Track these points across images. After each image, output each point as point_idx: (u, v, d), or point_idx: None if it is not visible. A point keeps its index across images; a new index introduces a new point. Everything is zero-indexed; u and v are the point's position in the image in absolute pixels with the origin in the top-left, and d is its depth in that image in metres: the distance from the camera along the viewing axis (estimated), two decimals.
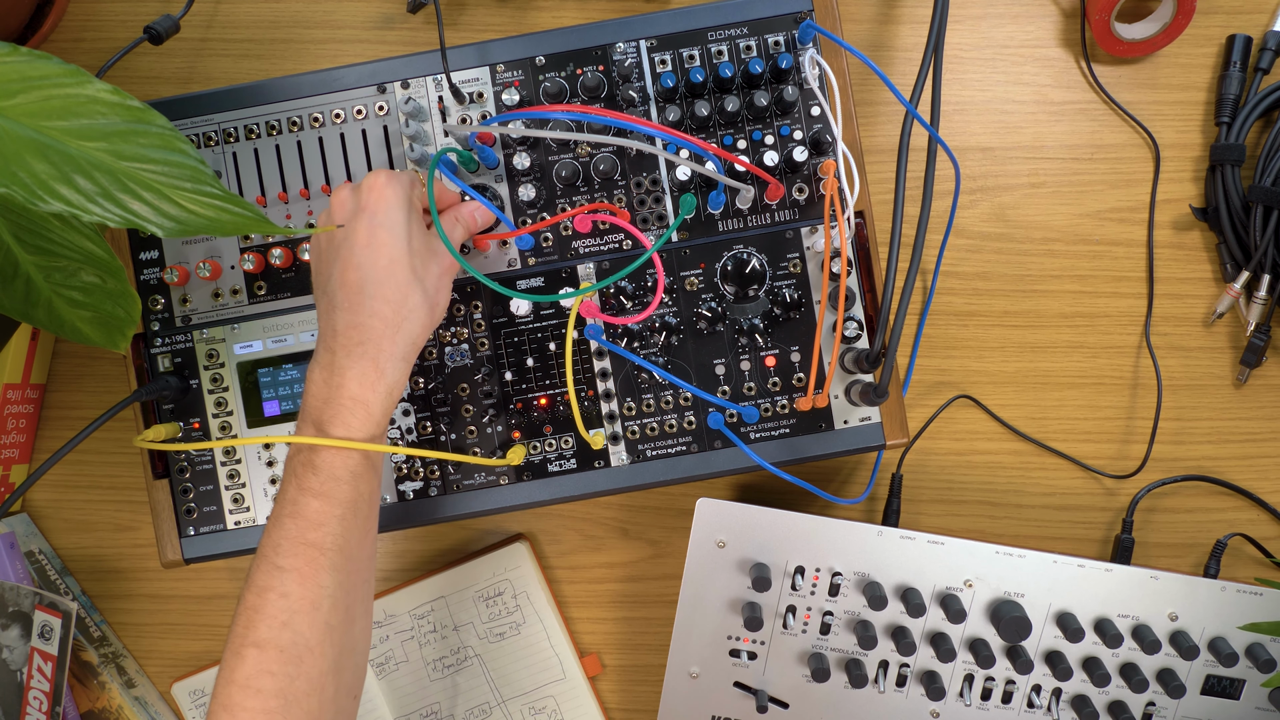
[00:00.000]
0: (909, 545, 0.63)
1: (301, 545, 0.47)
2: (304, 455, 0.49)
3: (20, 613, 0.64)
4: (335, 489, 0.48)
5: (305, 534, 0.47)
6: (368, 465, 0.50)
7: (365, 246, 0.50)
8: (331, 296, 0.51)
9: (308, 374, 0.51)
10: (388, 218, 0.50)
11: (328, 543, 0.48)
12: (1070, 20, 0.71)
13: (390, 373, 0.50)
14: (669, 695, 0.65)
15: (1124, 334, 0.71)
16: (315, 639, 0.46)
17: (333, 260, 0.52)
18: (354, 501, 0.49)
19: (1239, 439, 0.71)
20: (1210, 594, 0.63)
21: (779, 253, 0.61)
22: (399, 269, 0.50)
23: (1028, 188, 0.71)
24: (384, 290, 0.50)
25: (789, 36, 0.61)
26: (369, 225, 0.50)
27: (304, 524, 0.48)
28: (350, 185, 0.53)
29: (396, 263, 0.50)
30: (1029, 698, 0.64)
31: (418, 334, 0.52)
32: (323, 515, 0.48)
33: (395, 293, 0.50)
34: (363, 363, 0.49)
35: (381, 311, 0.50)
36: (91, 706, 0.70)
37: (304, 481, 0.48)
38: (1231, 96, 0.69)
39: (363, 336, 0.49)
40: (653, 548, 0.72)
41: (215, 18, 0.71)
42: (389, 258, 0.50)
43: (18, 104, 0.45)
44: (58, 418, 0.71)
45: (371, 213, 0.51)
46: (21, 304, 0.55)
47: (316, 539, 0.47)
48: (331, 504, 0.48)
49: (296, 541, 0.47)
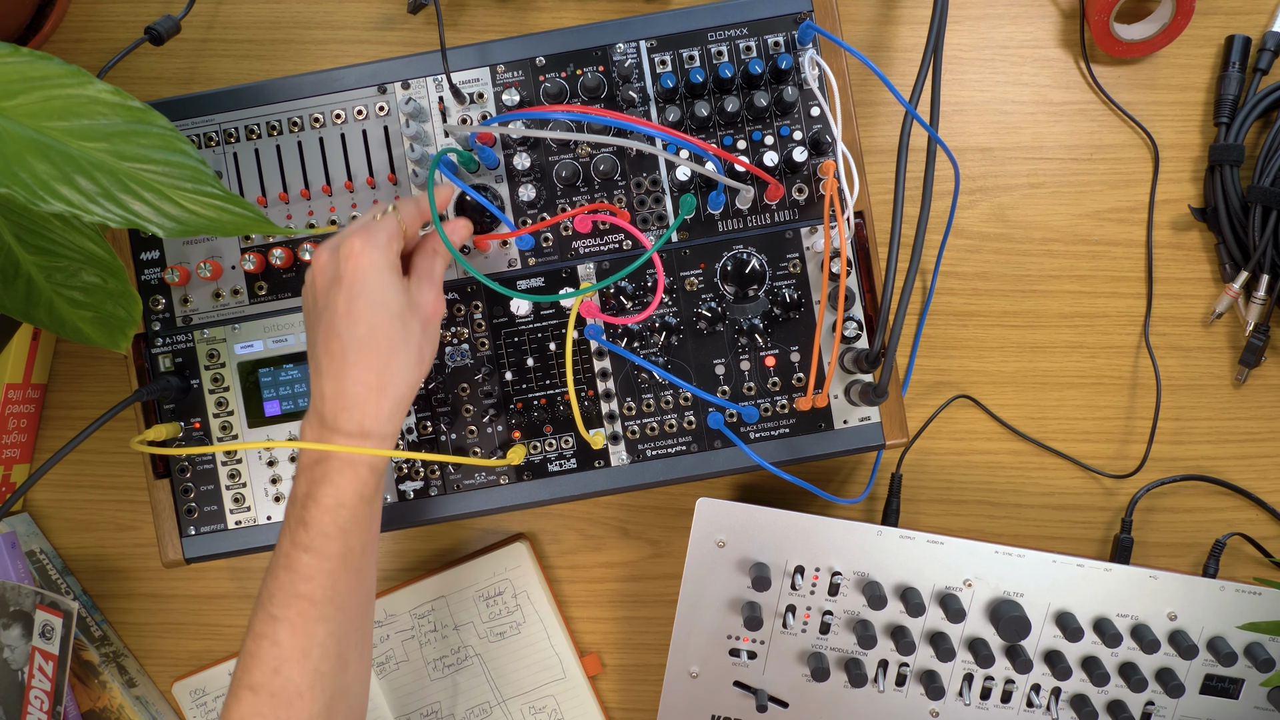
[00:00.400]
0: (908, 545, 0.63)
1: (293, 597, 0.49)
2: (297, 511, 0.51)
3: (21, 612, 0.64)
4: (325, 545, 0.50)
5: (297, 586, 0.49)
6: (356, 519, 0.51)
7: (345, 315, 0.51)
8: (318, 362, 0.52)
9: (302, 427, 0.53)
10: (365, 286, 0.51)
11: (318, 595, 0.50)
12: (1069, 21, 0.71)
13: (376, 434, 0.52)
14: (669, 694, 0.65)
15: (1123, 334, 0.71)
16: (305, 685, 0.49)
17: (316, 327, 0.53)
18: (344, 555, 0.51)
19: (1238, 439, 0.71)
20: (1209, 593, 0.63)
21: (779, 253, 0.61)
22: (379, 335, 0.51)
23: (1027, 188, 0.71)
24: (366, 358, 0.51)
25: (789, 37, 0.61)
26: (348, 294, 0.51)
27: (296, 577, 0.50)
28: (330, 248, 0.53)
29: (377, 329, 0.51)
30: (1028, 697, 0.64)
31: (404, 393, 0.53)
32: (313, 570, 0.50)
33: (378, 359, 0.51)
34: (350, 427, 0.51)
35: (365, 379, 0.51)
36: (93, 706, 0.70)
37: (296, 536, 0.50)
38: (1230, 97, 0.69)
39: (349, 403, 0.51)
40: (653, 547, 0.72)
41: (216, 18, 0.71)
42: (369, 325, 0.51)
43: (19, 104, 0.45)
44: (59, 418, 0.72)
45: (350, 281, 0.51)
46: (23, 304, 0.55)
47: (307, 591, 0.49)
48: (322, 559, 0.50)
49: (289, 593, 0.50)
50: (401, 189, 0.61)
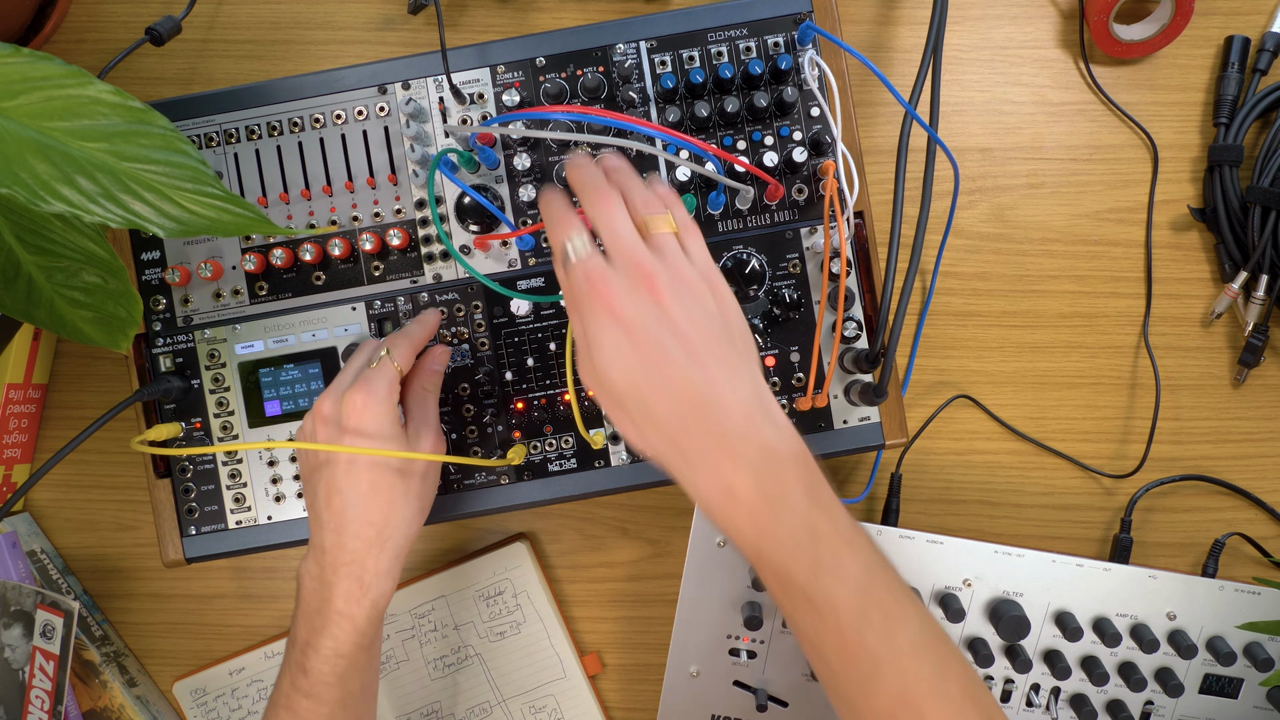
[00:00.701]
0: (908, 544, 0.63)
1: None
2: (296, 656, 0.52)
3: (22, 612, 0.64)
4: (324, 691, 0.51)
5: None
6: (354, 665, 0.52)
7: (346, 473, 0.52)
8: (318, 514, 0.53)
9: (301, 569, 0.54)
10: (365, 442, 0.52)
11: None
12: (1069, 21, 0.71)
13: (375, 587, 0.52)
14: (669, 694, 0.65)
15: (1122, 334, 0.71)
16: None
17: (318, 479, 0.53)
18: (342, 699, 0.52)
19: (1237, 439, 0.71)
20: (1208, 593, 0.63)
21: (778, 253, 0.61)
22: (380, 492, 0.52)
23: (1026, 188, 0.71)
24: (366, 514, 0.52)
25: (788, 38, 0.61)
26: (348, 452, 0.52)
27: (295, 718, 0.52)
28: (332, 399, 0.53)
29: (377, 486, 0.52)
30: (1028, 696, 0.65)
31: (403, 545, 0.54)
32: (312, 713, 0.51)
33: (378, 515, 0.52)
34: (348, 581, 0.52)
35: (365, 534, 0.52)
36: (93, 705, 0.70)
37: (296, 681, 0.52)
38: (1229, 97, 0.69)
39: (349, 557, 0.52)
40: (653, 547, 0.72)
41: (217, 19, 0.71)
42: (369, 482, 0.52)
43: (20, 105, 0.45)
44: (60, 417, 0.72)
45: (351, 438, 0.52)
46: (23, 304, 0.55)
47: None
48: (320, 703, 0.51)
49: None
50: (402, 189, 0.61)
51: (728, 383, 0.43)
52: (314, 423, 0.53)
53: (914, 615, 0.43)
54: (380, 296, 0.62)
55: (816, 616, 0.42)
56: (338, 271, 0.62)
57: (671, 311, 0.43)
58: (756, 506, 0.42)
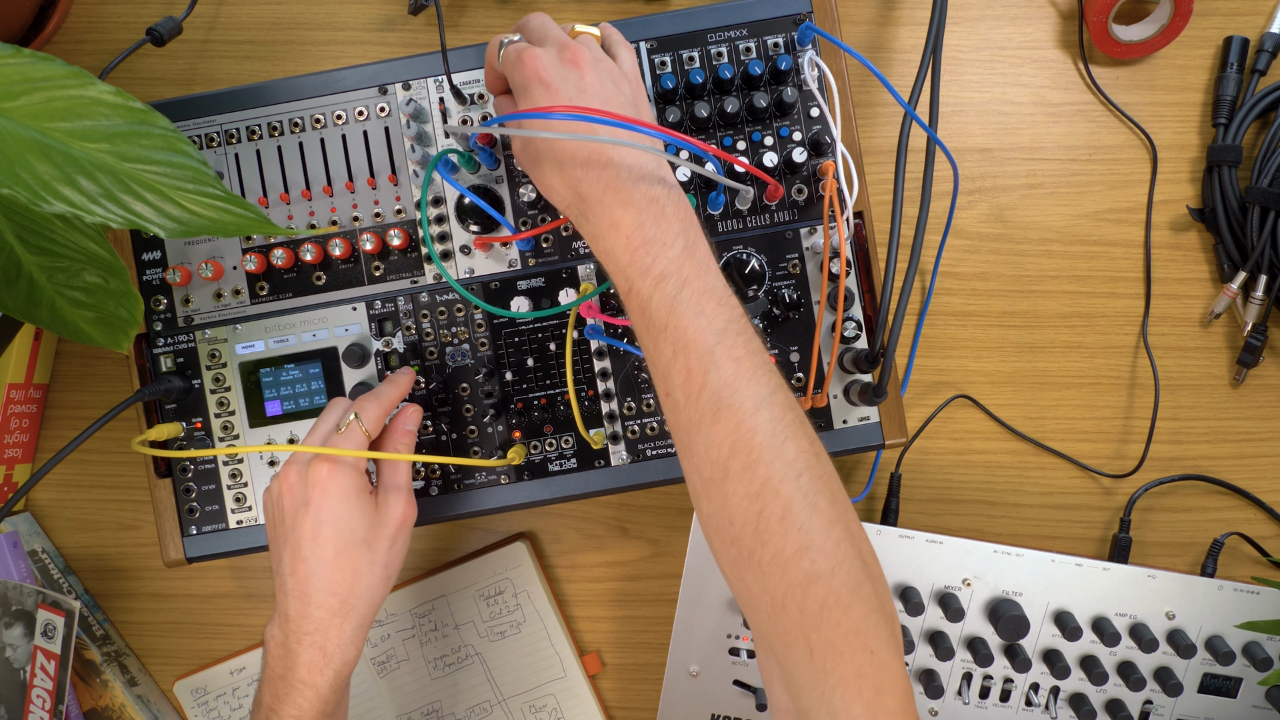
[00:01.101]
0: (907, 544, 0.63)
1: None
2: (262, 716, 0.52)
3: (23, 611, 0.64)
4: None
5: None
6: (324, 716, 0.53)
7: (310, 541, 0.52)
8: (283, 580, 0.53)
9: (266, 635, 0.54)
10: (332, 512, 0.52)
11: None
12: (1068, 22, 0.71)
13: (338, 657, 0.52)
14: (669, 693, 0.65)
15: (1121, 334, 0.71)
16: None
17: (282, 545, 0.53)
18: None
19: (1236, 439, 0.71)
20: (1207, 593, 0.63)
21: (778, 253, 0.61)
22: (344, 562, 0.52)
23: (1026, 188, 0.71)
24: (330, 584, 0.52)
25: (788, 38, 0.61)
26: (314, 521, 0.52)
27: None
28: (297, 468, 0.53)
29: (342, 556, 0.52)
30: (1027, 696, 0.65)
31: (367, 614, 0.54)
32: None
33: (342, 584, 0.52)
34: (311, 651, 0.52)
35: (328, 604, 0.52)
36: (94, 705, 0.70)
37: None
38: (1228, 98, 0.69)
39: (312, 626, 0.52)
40: (653, 547, 0.72)
41: (217, 19, 0.71)
42: (334, 551, 0.52)
43: (21, 105, 0.45)
44: (61, 417, 0.72)
45: (316, 507, 0.52)
46: (25, 304, 0.56)
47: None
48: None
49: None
50: (402, 189, 0.62)
51: (632, 138, 0.48)
52: (280, 488, 0.53)
53: (764, 381, 0.45)
54: (381, 296, 0.62)
55: (671, 349, 0.45)
56: (338, 271, 0.62)
57: (589, 79, 0.49)
58: (633, 237, 0.46)
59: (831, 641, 0.41)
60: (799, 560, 0.42)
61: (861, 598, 0.42)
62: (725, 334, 0.45)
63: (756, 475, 0.43)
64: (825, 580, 0.42)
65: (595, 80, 0.49)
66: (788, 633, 0.42)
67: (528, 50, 0.49)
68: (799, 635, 0.42)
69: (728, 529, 0.44)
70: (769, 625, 0.43)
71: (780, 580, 0.42)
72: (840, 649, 0.41)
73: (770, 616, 0.43)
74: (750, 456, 0.43)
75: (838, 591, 0.42)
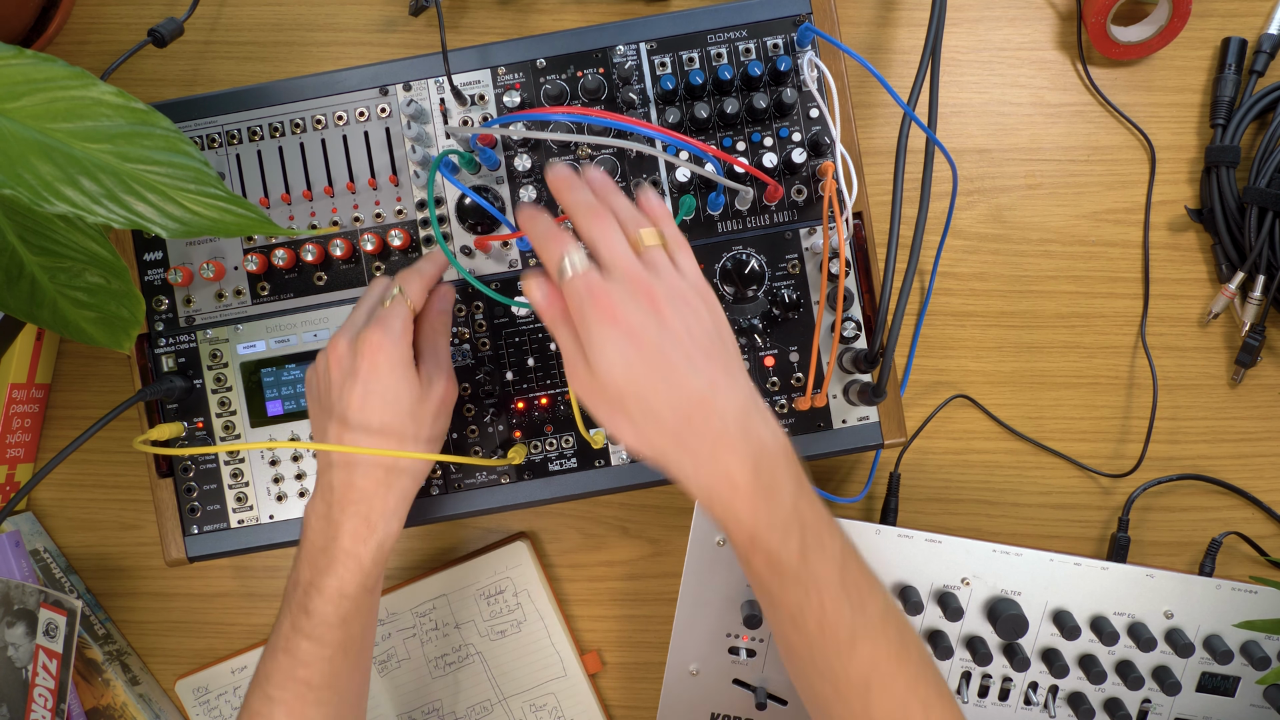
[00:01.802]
0: (906, 543, 0.63)
1: (291, 680, 0.51)
2: (299, 597, 0.52)
3: (25, 610, 0.64)
4: (327, 633, 0.51)
5: (295, 671, 0.51)
6: (358, 608, 0.52)
7: (359, 410, 0.52)
8: (327, 453, 0.53)
9: (307, 510, 0.54)
10: (380, 382, 0.52)
11: (316, 680, 0.51)
12: (1066, 23, 0.71)
13: (382, 527, 0.52)
14: (669, 692, 0.66)
15: (1120, 334, 0.71)
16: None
17: (328, 417, 0.53)
18: (344, 643, 0.52)
19: (1234, 438, 0.71)
20: (1205, 592, 0.63)
21: (778, 253, 0.62)
22: (391, 432, 0.52)
23: (1024, 189, 0.71)
24: (377, 455, 0.52)
25: (788, 39, 0.61)
26: (363, 391, 0.52)
27: (295, 661, 0.51)
28: (346, 339, 0.53)
29: (388, 426, 0.52)
30: (1026, 695, 0.65)
31: (410, 486, 0.54)
32: (313, 656, 0.51)
33: (388, 455, 0.52)
34: (355, 520, 0.52)
35: (374, 474, 0.52)
36: (96, 703, 0.71)
37: (297, 622, 0.52)
38: (1226, 99, 0.69)
39: (357, 495, 0.52)
40: (653, 546, 0.72)
41: (219, 21, 0.71)
42: (381, 422, 0.52)
43: (23, 106, 0.45)
44: (63, 417, 0.72)
45: (365, 378, 0.52)
46: (27, 304, 0.56)
47: (305, 676, 0.51)
48: (322, 646, 0.51)
49: (287, 676, 0.51)
50: (403, 190, 0.62)
51: (726, 385, 0.46)
52: (327, 362, 0.53)
53: (879, 590, 0.49)
54: None
55: (803, 593, 0.46)
56: (339, 272, 0.62)
57: (671, 321, 0.45)
58: (754, 495, 0.45)
59: None
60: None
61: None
62: (845, 562, 0.47)
63: (895, 692, 0.47)
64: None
65: (674, 316, 0.45)
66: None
67: (601, 287, 0.45)
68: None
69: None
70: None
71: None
72: None
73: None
74: (888, 674, 0.47)
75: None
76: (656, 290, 0.46)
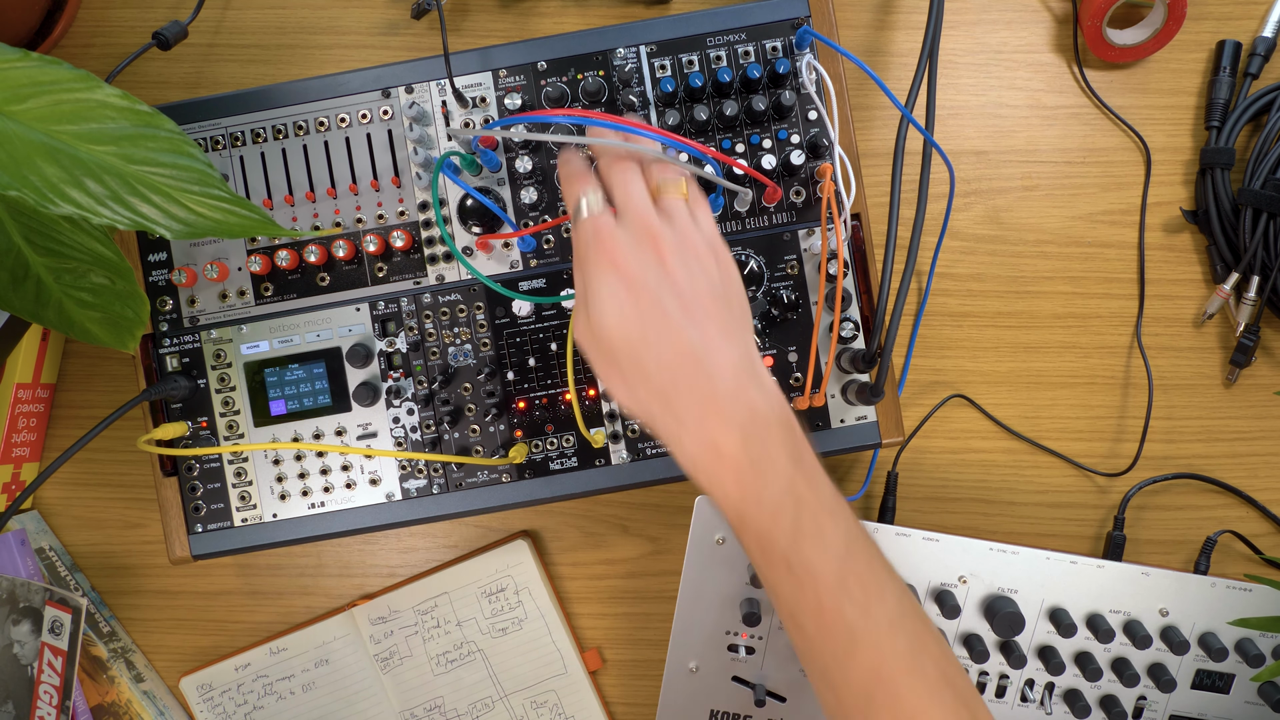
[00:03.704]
0: (904, 542, 0.64)
1: None
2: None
3: (31, 608, 0.65)
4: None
5: None
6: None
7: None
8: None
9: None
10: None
11: None
12: (1063, 26, 0.72)
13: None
14: (668, 689, 0.66)
15: (1116, 334, 0.72)
16: None
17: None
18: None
19: (1229, 438, 0.72)
20: (1200, 590, 0.64)
21: (777, 254, 0.62)
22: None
23: (1021, 190, 0.72)
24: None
25: (786, 42, 0.62)
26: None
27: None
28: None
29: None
30: (1022, 692, 0.65)
31: None
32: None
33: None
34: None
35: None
36: (101, 700, 0.71)
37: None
38: (1221, 101, 0.70)
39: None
40: (652, 544, 0.73)
41: (223, 24, 0.72)
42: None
43: (29, 108, 0.46)
44: (68, 417, 0.72)
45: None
46: (32, 305, 0.56)
47: None
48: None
49: None
50: (405, 191, 0.62)
51: (722, 344, 0.43)
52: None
53: (892, 591, 0.43)
54: (384, 297, 0.62)
55: (795, 583, 0.42)
56: (342, 273, 0.63)
57: (673, 271, 0.43)
58: (741, 466, 0.42)
59: None
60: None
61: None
62: (849, 554, 0.43)
63: (903, 710, 0.41)
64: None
65: (679, 267, 0.43)
66: None
67: (608, 229, 0.44)
68: None
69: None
70: None
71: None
72: None
73: None
74: (893, 689, 0.41)
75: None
76: (664, 239, 0.44)
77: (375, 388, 0.62)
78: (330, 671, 0.71)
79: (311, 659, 0.71)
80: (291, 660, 0.71)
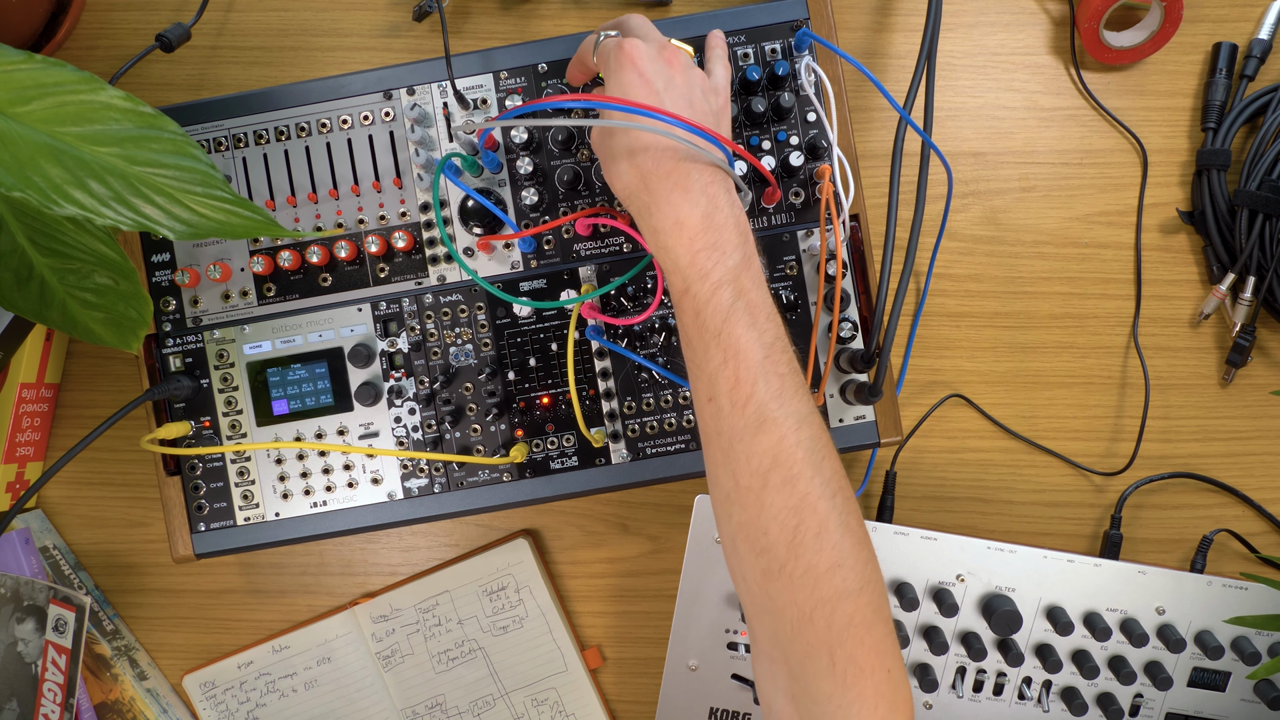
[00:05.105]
0: (902, 541, 0.64)
1: None
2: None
3: (35, 606, 0.65)
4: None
5: None
6: None
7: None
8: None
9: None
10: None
11: None
12: (1060, 28, 0.72)
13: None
14: (668, 687, 0.66)
15: (1112, 335, 0.72)
16: None
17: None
18: None
19: (1224, 437, 0.72)
20: (1196, 588, 0.64)
21: (776, 255, 0.63)
22: None
23: (1018, 191, 0.72)
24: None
25: (785, 44, 0.62)
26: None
27: None
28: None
29: None
30: (1020, 689, 0.66)
31: None
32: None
33: None
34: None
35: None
36: (105, 698, 0.72)
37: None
38: (1217, 103, 0.70)
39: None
40: (652, 543, 0.73)
41: (226, 26, 0.72)
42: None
43: (33, 110, 0.46)
44: (72, 416, 0.73)
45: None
46: (36, 305, 0.56)
47: None
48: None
49: None
50: (406, 192, 0.63)
51: (707, 148, 0.49)
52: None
53: (806, 402, 0.47)
54: (385, 298, 0.63)
55: (721, 355, 0.46)
56: (344, 273, 0.63)
57: (679, 79, 0.50)
58: (697, 241, 0.47)
59: (855, 658, 0.43)
60: (831, 576, 0.43)
61: (883, 617, 0.44)
62: (773, 349, 0.46)
63: (796, 490, 0.44)
64: (854, 598, 0.43)
65: (685, 82, 0.50)
66: (811, 645, 0.43)
67: (630, 41, 0.50)
68: (823, 649, 0.43)
69: (760, 538, 0.45)
70: (790, 637, 0.44)
71: (811, 594, 0.43)
72: (862, 666, 0.43)
73: (794, 629, 0.44)
74: (791, 471, 0.44)
75: (864, 610, 0.43)
76: (678, 58, 0.50)
77: (377, 387, 0.62)
78: (332, 669, 0.72)
79: (314, 657, 0.72)
80: (294, 658, 0.72)
